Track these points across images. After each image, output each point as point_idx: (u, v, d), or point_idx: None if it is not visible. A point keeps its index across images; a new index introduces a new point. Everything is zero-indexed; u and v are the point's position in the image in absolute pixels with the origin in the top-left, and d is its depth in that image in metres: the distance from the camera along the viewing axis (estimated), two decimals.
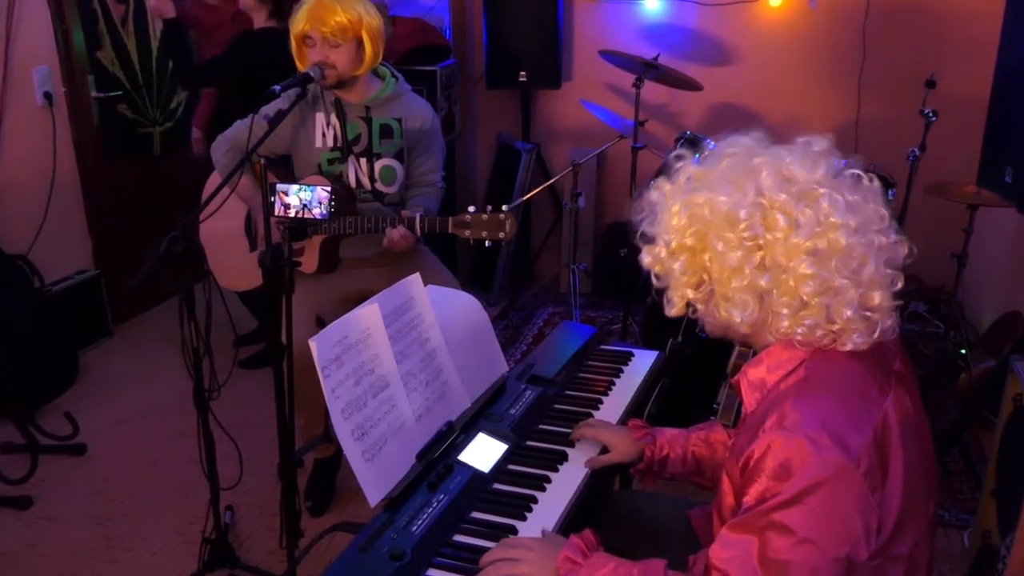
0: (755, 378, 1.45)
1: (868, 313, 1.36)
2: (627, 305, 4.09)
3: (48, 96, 4.09)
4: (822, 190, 1.35)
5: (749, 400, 1.46)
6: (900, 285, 1.39)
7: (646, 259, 1.48)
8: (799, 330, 1.36)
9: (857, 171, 1.41)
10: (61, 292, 4.12)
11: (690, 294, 1.44)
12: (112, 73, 4.46)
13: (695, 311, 1.48)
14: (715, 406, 3.03)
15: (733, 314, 1.39)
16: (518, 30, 4.58)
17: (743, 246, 1.35)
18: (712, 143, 1.52)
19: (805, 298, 1.34)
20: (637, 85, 3.87)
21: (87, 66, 4.30)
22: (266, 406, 2.57)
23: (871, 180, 1.41)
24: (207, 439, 2.49)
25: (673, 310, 1.47)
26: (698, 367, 3.18)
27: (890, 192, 3.29)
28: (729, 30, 4.62)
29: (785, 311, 1.36)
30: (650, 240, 1.48)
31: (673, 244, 1.42)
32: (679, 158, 1.51)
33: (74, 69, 4.21)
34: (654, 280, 1.49)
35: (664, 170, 3.49)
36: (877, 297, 1.36)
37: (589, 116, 4.28)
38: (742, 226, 1.35)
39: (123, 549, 2.93)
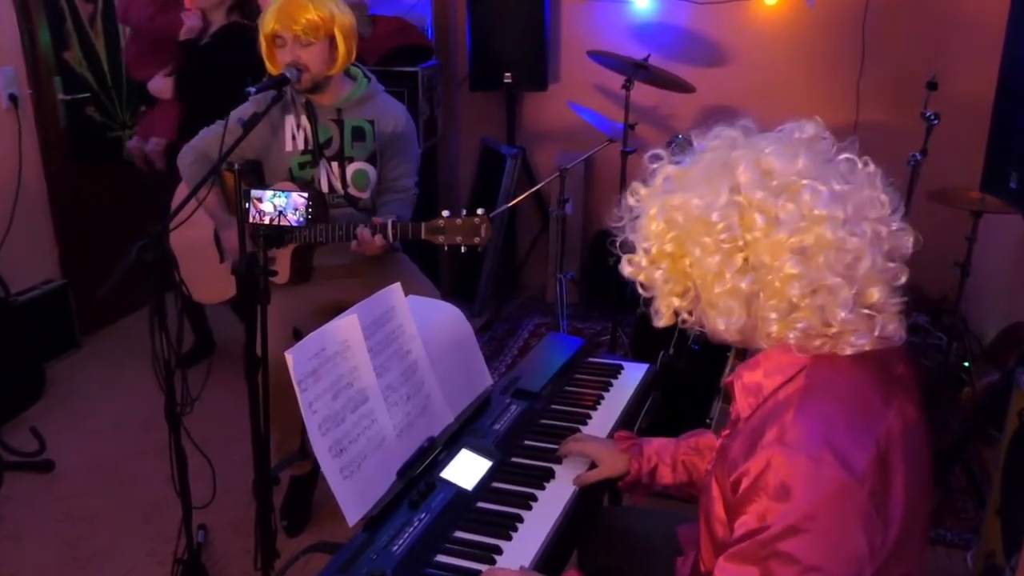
0: (751, 382, 1.38)
1: (866, 311, 1.28)
2: (616, 316, 4.07)
3: (13, 98, 4.03)
4: (804, 181, 1.28)
5: (743, 404, 1.40)
6: (904, 279, 1.31)
7: (626, 269, 1.42)
8: (791, 335, 1.29)
9: (851, 156, 1.35)
10: (27, 302, 4.05)
11: (676, 302, 1.39)
12: (80, 74, 4.42)
13: (684, 321, 1.41)
14: (708, 421, 3.00)
15: (718, 322, 1.33)
16: (503, 30, 4.54)
17: (721, 249, 1.29)
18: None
19: (794, 300, 1.26)
20: (627, 87, 3.85)
21: (54, 67, 4.25)
22: (240, 421, 2.55)
23: (866, 164, 1.35)
24: (179, 455, 2.43)
25: (661, 321, 1.42)
26: (690, 381, 3.15)
27: None
28: (723, 30, 4.59)
29: (774, 315, 1.28)
30: (630, 249, 1.42)
31: (653, 251, 1.37)
32: (655, 158, 1.44)
33: (40, 70, 4.16)
34: (640, 290, 1.43)
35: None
36: (876, 293, 1.28)
37: (577, 119, 4.25)
38: (719, 227, 1.28)
39: (92, 570, 2.90)
